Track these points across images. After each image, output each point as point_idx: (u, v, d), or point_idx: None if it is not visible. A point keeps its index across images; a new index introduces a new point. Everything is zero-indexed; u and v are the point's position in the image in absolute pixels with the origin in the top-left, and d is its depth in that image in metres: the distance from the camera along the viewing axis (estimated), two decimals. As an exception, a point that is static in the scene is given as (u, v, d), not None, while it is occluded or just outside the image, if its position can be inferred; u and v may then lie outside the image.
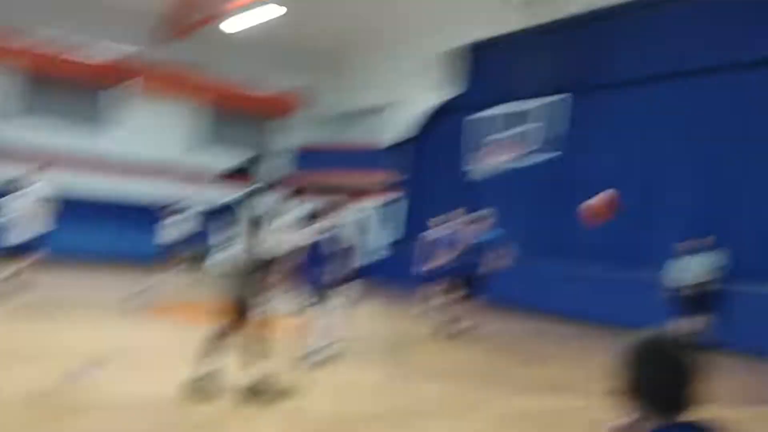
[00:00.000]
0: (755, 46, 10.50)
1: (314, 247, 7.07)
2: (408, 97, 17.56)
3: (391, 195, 18.10)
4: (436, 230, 10.59)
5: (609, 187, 12.44)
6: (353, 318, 8.61)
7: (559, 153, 12.03)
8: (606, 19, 12.73)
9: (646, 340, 1.83)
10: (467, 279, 9.55)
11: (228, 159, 17.76)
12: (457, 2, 15.36)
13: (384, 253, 17.59)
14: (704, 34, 11.17)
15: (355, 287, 8.54)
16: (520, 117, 12.41)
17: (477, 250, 9.68)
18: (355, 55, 19.56)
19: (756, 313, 10.08)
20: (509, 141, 12.50)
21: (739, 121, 10.89)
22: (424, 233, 11.07)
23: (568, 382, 7.32)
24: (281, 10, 13.97)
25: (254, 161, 5.70)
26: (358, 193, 19.08)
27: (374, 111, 19.29)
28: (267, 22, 14.57)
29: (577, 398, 6.43)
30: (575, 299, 12.56)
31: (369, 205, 18.43)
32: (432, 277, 10.33)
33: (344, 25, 18.12)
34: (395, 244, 17.58)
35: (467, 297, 9.60)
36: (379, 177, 18.02)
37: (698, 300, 10.28)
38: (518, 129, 12.44)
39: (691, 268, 10.36)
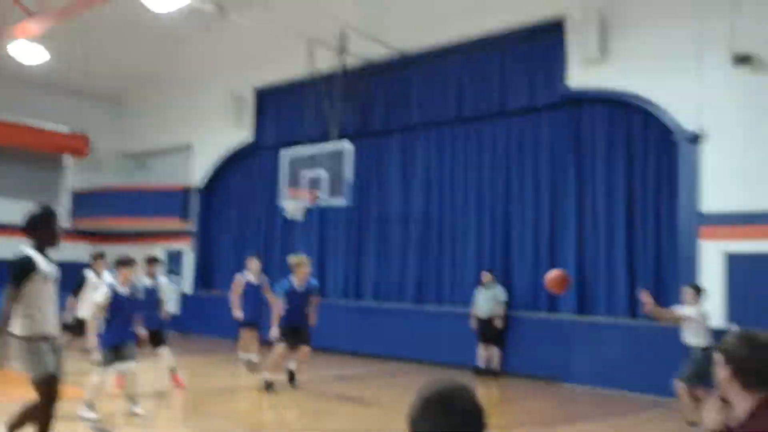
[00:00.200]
0: (521, 96, 11.68)
1: (115, 303, 6.93)
2: (202, 141, 17.05)
3: (184, 242, 17.27)
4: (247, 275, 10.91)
5: (403, 225, 13.31)
6: (163, 372, 8.54)
7: (350, 197, 12.31)
8: (395, 67, 13.42)
9: (431, 392, 1.77)
10: (292, 328, 9.06)
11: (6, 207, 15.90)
12: (250, 46, 15.36)
13: (174, 305, 16.69)
14: (479, 84, 12.22)
15: (163, 342, 8.69)
16: (317, 161, 12.60)
17: (303, 297, 9.31)
18: (147, 96, 18.65)
19: (535, 338, 11.03)
20: (309, 184, 12.62)
21: (512, 162, 12.00)
22: (239, 277, 11.01)
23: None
24: (45, 56, 12.97)
25: (44, 213, 4.70)
26: (147, 239, 18.02)
27: (167, 153, 18.45)
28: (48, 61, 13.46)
29: None
30: (387, 338, 12.85)
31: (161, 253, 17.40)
32: (249, 324, 10.71)
33: (133, 66, 17.36)
34: (188, 295, 16.77)
35: (292, 346, 9.06)
36: (170, 222, 17.14)
37: (490, 329, 11.12)
38: (314, 173, 12.61)
39: (483, 301, 11.19)
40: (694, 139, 9.64)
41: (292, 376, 9.32)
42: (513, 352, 11.26)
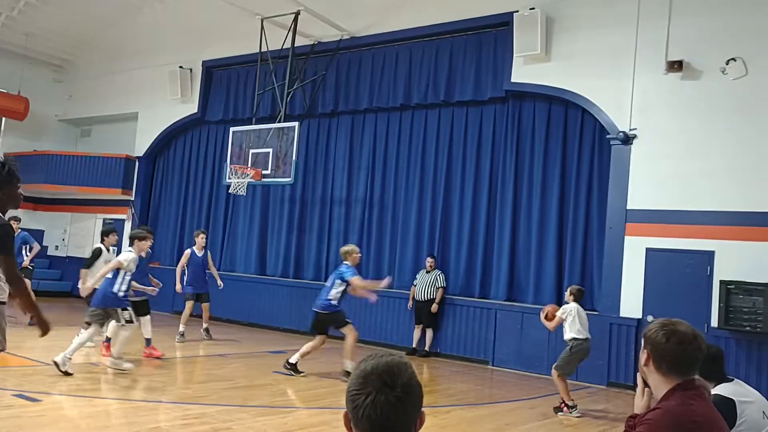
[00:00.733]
0: (467, 88, 12.00)
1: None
2: (148, 111, 16.80)
3: (124, 212, 17.06)
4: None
5: (346, 207, 13.51)
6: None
7: (295, 176, 12.46)
8: (346, 51, 13.54)
9: (373, 366, 1.70)
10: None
11: None
12: (202, 20, 15.24)
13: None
14: (428, 74, 12.45)
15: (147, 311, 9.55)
16: (264, 139, 12.68)
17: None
18: (94, 63, 18.20)
19: (467, 322, 11.46)
20: (254, 161, 12.70)
21: (455, 152, 12.33)
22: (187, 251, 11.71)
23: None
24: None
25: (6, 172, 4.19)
26: (86, 208, 17.73)
27: (112, 122, 18.10)
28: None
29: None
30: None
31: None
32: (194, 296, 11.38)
33: (80, 32, 16.98)
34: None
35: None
36: (111, 192, 16.88)
37: (426, 312, 11.51)
38: (261, 150, 12.71)
39: (423, 284, 11.56)
40: (626, 139, 10.14)
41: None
42: (445, 334, 11.68)
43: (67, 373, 7.54)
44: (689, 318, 8.40)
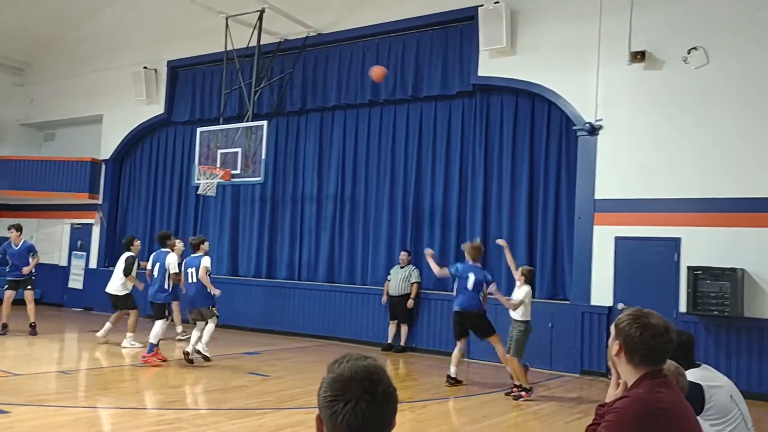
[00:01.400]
0: (434, 83, 12.02)
1: None
2: (113, 113, 16.51)
3: (92, 217, 16.77)
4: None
5: (317, 205, 13.44)
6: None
7: (264, 174, 12.38)
8: (312, 48, 13.45)
9: (350, 371, 1.69)
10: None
11: None
12: (166, 19, 15.04)
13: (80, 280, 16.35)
14: (395, 70, 12.43)
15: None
16: (232, 139, 12.56)
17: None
18: (55, 65, 17.83)
19: (441, 316, 11.51)
20: (223, 161, 12.58)
21: (424, 147, 12.34)
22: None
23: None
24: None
25: None
26: (53, 213, 17.41)
27: (76, 125, 17.76)
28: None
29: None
30: (299, 316, 13.03)
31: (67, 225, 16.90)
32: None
33: (40, 33, 16.64)
34: (93, 270, 16.34)
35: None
36: (78, 196, 16.58)
37: (400, 308, 11.54)
38: (229, 150, 12.60)
39: (397, 280, 11.59)
40: (592, 130, 10.25)
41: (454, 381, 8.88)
42: (420, 329, 11.71)
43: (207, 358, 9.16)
44: (658, 304, 8.59)
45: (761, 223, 8.96)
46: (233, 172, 12.52)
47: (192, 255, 9.76)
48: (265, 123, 12.40)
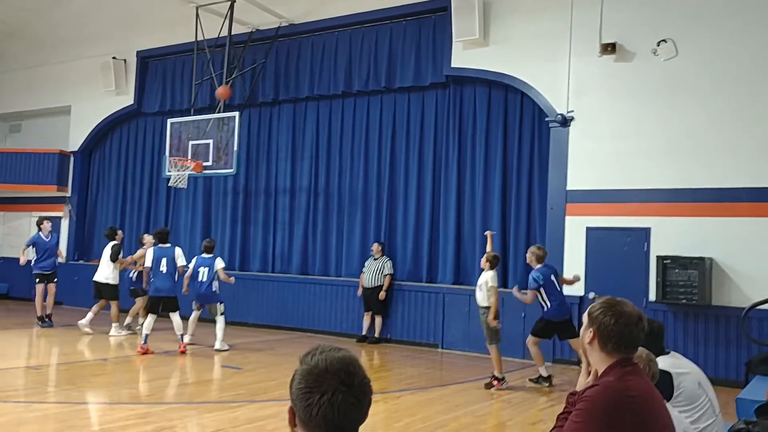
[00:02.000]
0: (408, 74, 11.99)
1: None
2: (82, 104, 16.20)
3: (61, 210, 16.47)
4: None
5: (291, 196, 13.35)
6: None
7: (236, 166, 12.28)
8: (285, 39, 13.33)
9: (326, 362, 1.65)
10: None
11: None
12: (135, 8, 14.78)
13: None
14: (368, 61, 12.39)
15: None
16: (204, 130, 12.42)
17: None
18: (20, 55, 17.41)
19: (415, 307, 11.54)
20: (195, 153, 12.45)
21: (398, 138, 12.33)
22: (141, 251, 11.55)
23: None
24: None
25: None
26: (20, 206, 17.06)
27: (44, 116, 17.39)
28: None
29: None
30: (273, 308, 12.96)
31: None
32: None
33: (2, 21, 16.16)
34: (62, 264, 16.05)
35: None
36: (46, 189, 16.27)
37: (374, 299, 11.54)
38: (201, 142, 12.46)
39: (371, 272, 11.57)
40: (564, 121, 10.33)
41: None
42: (395, 320, 11.73)
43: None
44: (629, 293, 8.70)
45: (729, 212, 9.12)
46: (205, 163, 12.39)
47: (203, 256, 10.40)
48: (236, 114, 12.28)
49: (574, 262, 10.09)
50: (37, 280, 12.17)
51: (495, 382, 8.10)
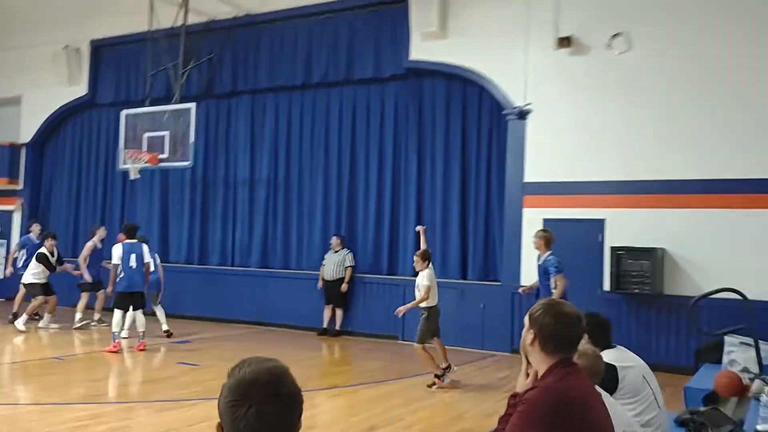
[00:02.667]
0: (367, 66, 11.94)
1: None
2: (33, 94, 15.72)
3: (12, 203, 16.03)
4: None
5: (250, 189, 13.20)
6: None
7: (195, 159, 12.11)
8: (242, 29, 13.14)
9: (255, 374, 1.62)
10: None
11: None
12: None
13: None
14: (327, 52, 12.29)
15: None
16: (159, 121, 12.20)
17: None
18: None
19: (376, 299, 11.56)
20: (150, 145, 12.23)
21: (358, 130, 12.28)
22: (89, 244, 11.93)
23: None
24: None
25: None
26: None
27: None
28: None
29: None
30: (232, 302, 12.83)
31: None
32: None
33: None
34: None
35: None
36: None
37: (335, 292, 11.52)
38: (156, 134, 12.25)
39: (331, 264, 11.55)
40: (522, 114, 10.41)
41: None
42: (355, 313, 11.74)
43: None
44: (584, 283, 8.79)
45: (681, 203, 9.33)
46: (161, 156, 12.18)
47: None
48: (193, 105, 12.07)
49: (531, 253, 10.17)
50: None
51: (436, 380, 7.82)
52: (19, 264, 12.25)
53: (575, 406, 2.36)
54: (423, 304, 7.93)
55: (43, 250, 11.67)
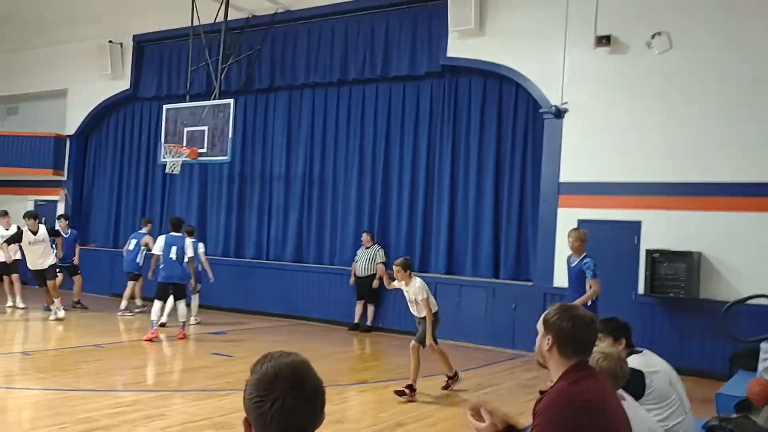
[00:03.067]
0: (403, 63, 11.97)
1: None
2: (78, 88, 16.18)
3: (56, 193, 16.52)
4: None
5: (285, 184, 13.38)
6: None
7: (232, 154, 12.32)
8: (281, 25, 13.30)
9: (279, 367, 1.66)
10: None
11: None
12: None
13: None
14: (364, 49, 12.37)
15: None
16: (199, 116, 12.43)
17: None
18: (15, 38, 17.30)
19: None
20: (190, 139, 12.47)
21: (392, 127, 12.34)
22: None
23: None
24: None
25: None
26: (15, 189, 17.09)
27: (40, 99, 17.36)
28: None
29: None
30: (266, 295, 13.03)
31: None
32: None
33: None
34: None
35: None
36: (42, 172, 16.29)
37: (366, 288, 11.61)
38: (196, 128, 12.48)
39: (363, 261, 11.63)
40: (558, 113, 10.33)
41: None
42: (386, 309, 11.80)
43: None
44: (618, 286, 8.66)
45: (719, 206, 9.15)
46: (200, 150, 12.41)
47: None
48: (231, 101, 12.27)
49: (565, 253, 10.09)
50: (58, 269, 12.08)
51: (450, 381, 7.59)
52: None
53: (587, 409, 2.36)
54: (422, 315, 7.27)
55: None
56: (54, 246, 11.94)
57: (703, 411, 5.90)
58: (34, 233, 11.09)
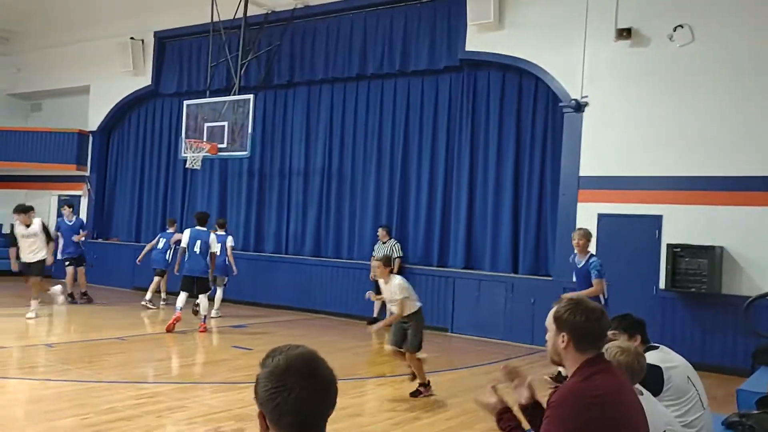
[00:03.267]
0: (422, 58, 11.96)
1: None
2: (100, 84, 16.39)
3: (79, 189, 16.76)
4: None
5: (304, 179, 13.46)
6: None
7: (252, 149, 12.40)
8: (300, 20, 13.35)
9: (291, 359, 1.67)
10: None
11: None
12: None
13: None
14: (383, 43, 12.38)
15: None
16: (219, 111, 12.54)
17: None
18: (39, 35, 17.56)
19: (426, 291, 11.61)
20: (210, 135, 12.58)
21: (411, 121, 12.34)
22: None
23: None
24: None
25: None
26: (40, 184, 17.37)
27: (63, 96, 17.63)
28: None
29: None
30: (285, 289, 13.13)
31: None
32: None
33: (25, 1, 16.30)
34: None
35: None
36: (65, 168, 16.54)
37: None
38: (216, 124, 12.59)
39: (378, 254, 11.62)
40: (578, 107, 10.26)
41: None
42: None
43: None
44: (639, 281, 8.61)
45: (742, 201, 9.04)
46: (220, 145, 12.52)
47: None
48: (251, 96, 12.35)
49: (584, 248, 10.06)
50: (67, 263, 12.44)
51: (422, 389, 7.06)
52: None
53: (599, 405, 2.35)
54: (405, 313, 6.89)
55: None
56: (59, 233, 12.29)
57: (724, 407, 5.85)
58: (27, 226, 10.66)
